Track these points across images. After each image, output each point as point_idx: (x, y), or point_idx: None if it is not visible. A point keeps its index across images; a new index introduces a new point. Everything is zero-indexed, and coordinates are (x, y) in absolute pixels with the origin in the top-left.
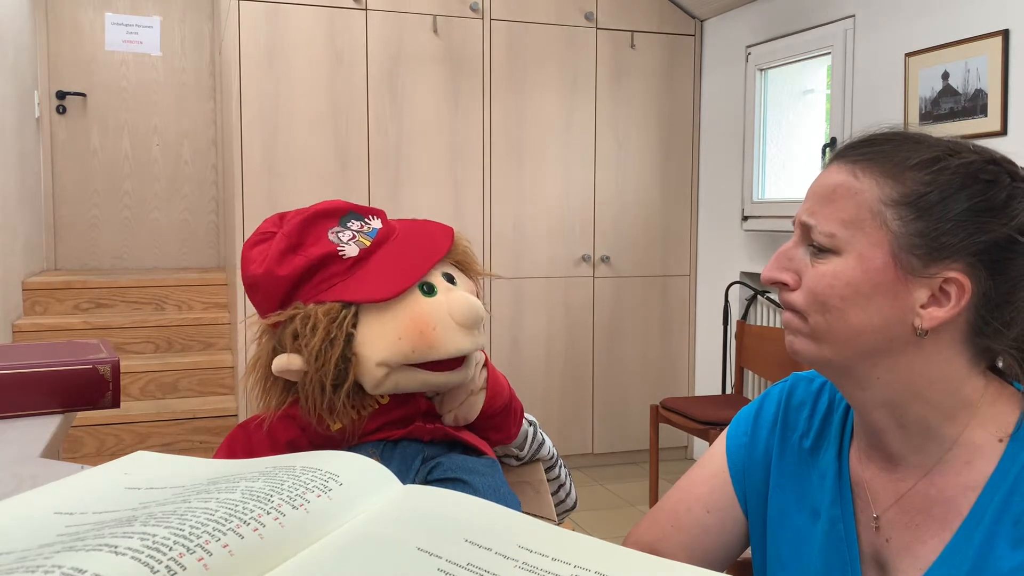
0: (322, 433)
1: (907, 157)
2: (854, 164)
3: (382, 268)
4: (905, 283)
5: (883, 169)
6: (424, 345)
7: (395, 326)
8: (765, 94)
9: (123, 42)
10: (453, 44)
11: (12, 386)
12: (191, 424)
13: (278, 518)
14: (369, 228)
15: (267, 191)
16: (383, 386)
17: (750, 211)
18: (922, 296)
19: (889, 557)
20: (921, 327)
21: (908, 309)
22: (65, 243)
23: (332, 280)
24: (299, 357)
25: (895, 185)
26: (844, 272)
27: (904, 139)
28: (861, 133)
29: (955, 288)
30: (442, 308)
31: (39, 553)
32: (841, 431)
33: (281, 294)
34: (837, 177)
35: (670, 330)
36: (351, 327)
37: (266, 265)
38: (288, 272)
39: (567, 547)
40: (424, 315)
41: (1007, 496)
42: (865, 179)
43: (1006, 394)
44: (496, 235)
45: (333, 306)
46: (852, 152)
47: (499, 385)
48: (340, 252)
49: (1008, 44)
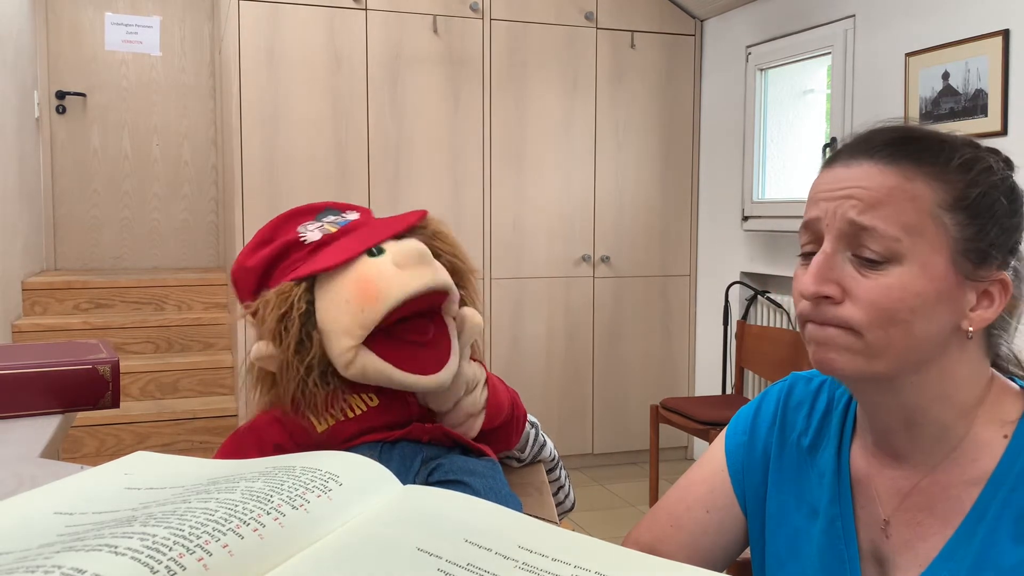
0: (309, 436)
1: (949, 158)
2: (897, 164)
3: (338, 247)
4: (960, 288)
5: (931, 171)
6: (372, 300)
7: (344, 291)
8: (765, 94)
9: (123, 42)
10: (453, 44)
11: (12, 386)
12: (191, 424)
13: (278, 518)
14: (342, 220)
15: (267, 191)
16: (353, 365)
17: (750, 211)
18: (972, 299)
19: (889, 554)
20: (971, 329)
21: (960, 313)
22: (65, 243)
23: (294, 265)
24: (269, 343)
25: (946, 188)
26: (912, 283)
27: (930, 137)
28: (877, 128)
29: (998, 288)
30: (385, 260)
31: (39, 553)
32: (841, 429)
33: (252, 286)
34: (882, 179)
35: (670, 330)
36: (304, 302)
37: (239, 260)
38: (255, 263)
39: (567, 547)
40: (367, 272)
41: (1010, 492)
42: (918, 181)
43: (1010, 390)
44: (496, 235)
45: (285, 285)
46: (887, 151)
47: (499, 404)
48: (301, 239)
49: (1008, 44)
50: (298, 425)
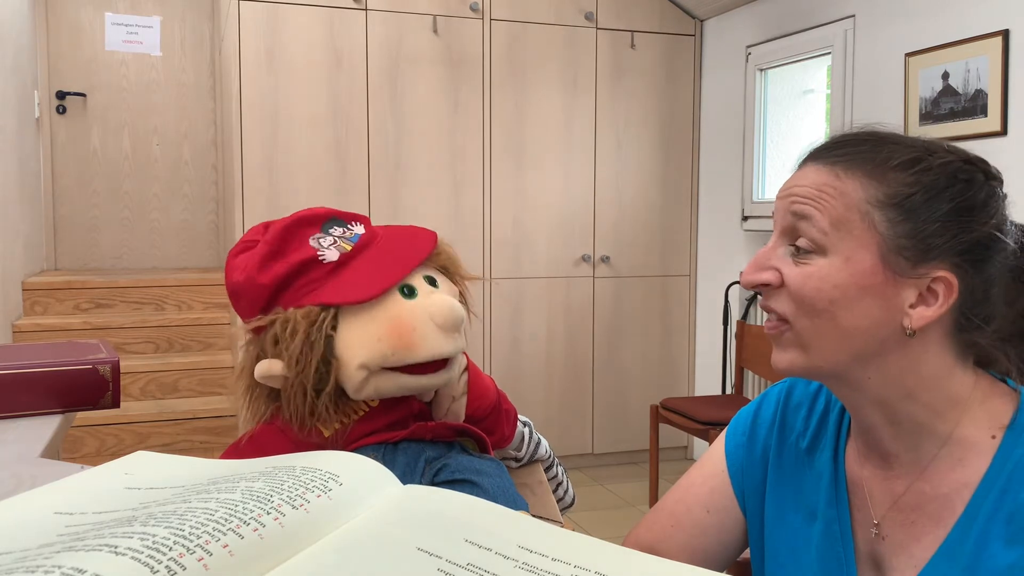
0: (311, 443)
1: (888, 157)
2: (833, 165)
3: (362, 271)
4: (894, 284)
5: (865, 170)
6: (403, 347)
7: (375, 328)
8: (765, 94)
9: (123, 42)
10: (453, 44)
11: (12, 386)
12: (191, 424)
13: (278, 518)
14: (351, 234)
15: (267, 191)
16: (364, 390)
17: (750, 211)
18: (910, 296)
19: (885, 556)
20: (910, 327)
21: (897, 310)
22: (65, 243)
23: (312, 285)
24: (280, 362)
25: (879, 186)
26: (831, 274)
27: (879, 139)
28: (836, 135)
29: (943, 287)
30: (422, 310)
31: (39, 553)
32: (837, 432)
33: (263, 301)
34: (818, 177)
35: (670, 330)
36: (330, 330)
37: (247, 272)
38: (269, 279)
39: (567, 547)
40: (403, 317)
41: (1001, 493)
42: (848, 180)
43: (998, 391)
44: (496, 235)
45: (312, 309)
46: (828, 153)
47: (483, 387)
48: (320, 257)
49: (1008, 44)
50: (301, 437)
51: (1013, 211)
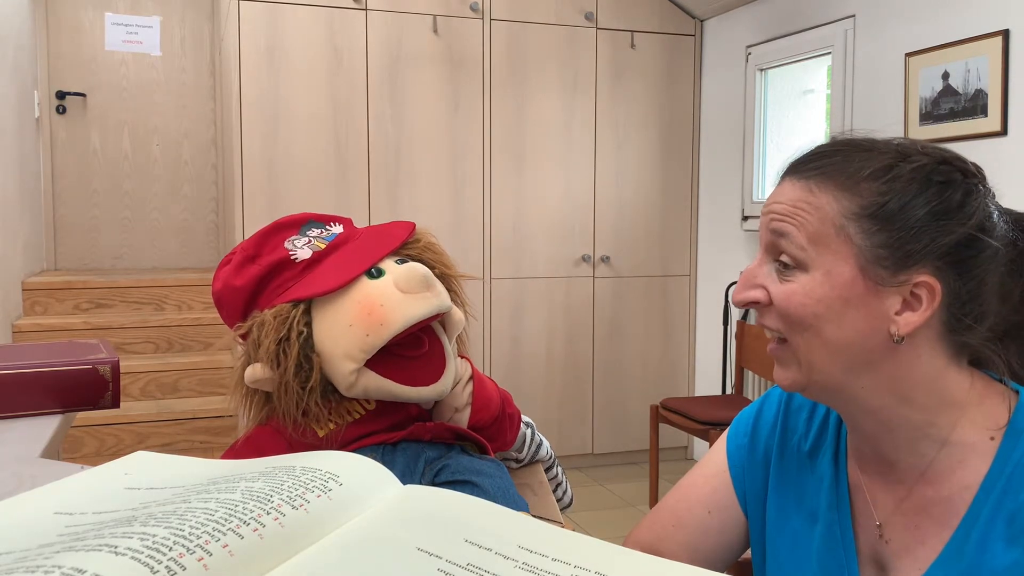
0: (309, 445)
1: (859, 168)
2: (808, 180)
3: (333, 265)
4: (876, 294)
5: (837, 183)
6: (376, 324)
7: (344, 315)
8: (765, 94)
9: (123, 42)
10: (453, 44)
11: (12, 386)
12: (191, 424)
13: (278, 518)
14: (328, 233)
15: (267, 191)
16: (356, 387)
17: (750, 211)
18: (895, 303)
19: (889, 559)
20: (898, 334)
21: (883, 318)
22: (65, 243)
23: (286, 284)
24: (263, 364)
25: (852, 198)
26: (814, 289)
27: (852, 148)
28: (807, 148)
29: (926, 291)
30: (386, 285)
31: (39, 553)
32: (837, 435)
33: (241, 305)
34: (793, 193)
35: (670, 330)
36: (303, 325)
37: (225, 280)
38: (244, 282)
39: (567, 547)
40: (370, 296)
41: (1001, 495)
42: (822, 194)
43: (994, 391)
44: (496, 235)
45: (283, 307)
46: (802, 168)
47: (488, 398)
48: (292, 257)
49: (1008, 44)
50: (297, 439)
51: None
